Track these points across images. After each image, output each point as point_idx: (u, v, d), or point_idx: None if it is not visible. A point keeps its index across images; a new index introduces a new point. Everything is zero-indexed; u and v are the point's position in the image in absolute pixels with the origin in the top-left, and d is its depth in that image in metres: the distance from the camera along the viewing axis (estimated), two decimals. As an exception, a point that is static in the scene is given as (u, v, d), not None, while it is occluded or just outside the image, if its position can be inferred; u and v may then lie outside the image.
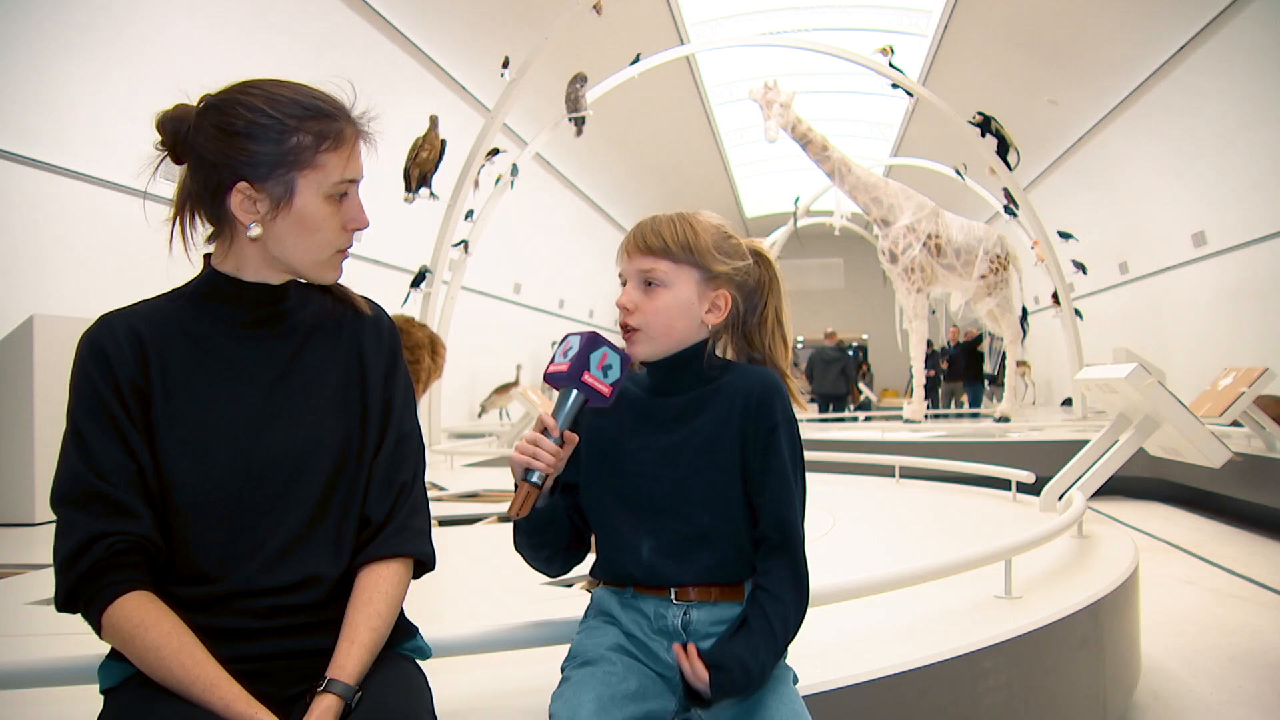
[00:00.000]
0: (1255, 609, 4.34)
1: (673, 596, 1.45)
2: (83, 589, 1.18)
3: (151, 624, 1.17)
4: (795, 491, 1.44)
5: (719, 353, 1.55)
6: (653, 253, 1.47)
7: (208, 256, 1.35)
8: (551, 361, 1.43)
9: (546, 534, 1.50)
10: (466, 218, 9.41)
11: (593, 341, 1.41)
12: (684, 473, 1.46)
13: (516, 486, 1.40)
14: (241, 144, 1.25)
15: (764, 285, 1.56)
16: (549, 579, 2.77)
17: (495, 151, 9.38)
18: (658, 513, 1.46)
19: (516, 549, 1.53)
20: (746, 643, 1.34)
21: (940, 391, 16.10)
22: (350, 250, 1.37)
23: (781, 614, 1.37)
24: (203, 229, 1.35)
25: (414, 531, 1.36)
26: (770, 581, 1.40)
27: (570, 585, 2.76)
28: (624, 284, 1.52)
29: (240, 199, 1.26)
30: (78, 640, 1.42)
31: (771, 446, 1.43)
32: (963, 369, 15.21)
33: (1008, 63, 12.60)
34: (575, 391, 1.41)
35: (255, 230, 1.27)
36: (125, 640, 1.17)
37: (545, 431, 1.40)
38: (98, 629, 1.20)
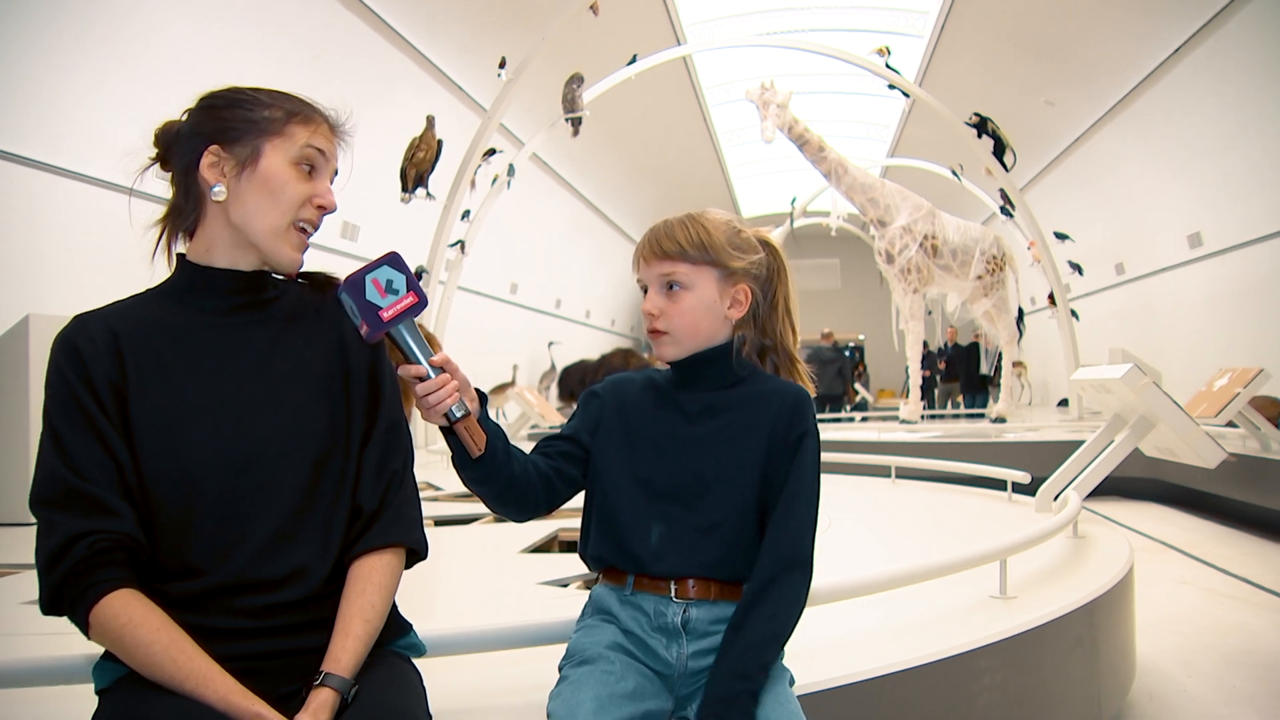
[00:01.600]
0: (1250, 609, 4.34)
1: (673, 594, 1.45)
2: (67, 589, 1.17)
3: (140, 621, 1.16)
4: (811, 501, 1.46)
5: (744, 352, 1.56)
6: (670, 257, 1.50)
7: (180, 256, 1.36)
8: (359, 330, 1.30)
9: (488, 466, 1.39)
10: (463, 218, 9.39)
11: (354, 286, 1.27)
12: (705, 465, 1.48)
13: (450, 434, 1.34)
14: (218, 114, 1.31)
15: (774, 274, 1.58)
16: (544, 580, 2.79)
17: (492, 152, 9.37)
18: (673, 500, 1.47)
19: (466, 486, 1.43)
20: (731, 670, 1.34)
21: (936, 392, 16.12)
22: (312, 234, 1.37)
23: (771, 630, 1.37)
24: (183, 244, 1.37)
25: (408, 521, 1.36)
26: (770, 593, 1.39)
27: (565, 585, 2.76)
28: (644, 291, 1.54)
29: (210, 161, 1.30)
30: (72, 640, 1.42)
31: (799, 453, 1.46)
32: (961, 372, 15.21)
33: (1004, 64, 12.61)
34: (397, 329, 1.29)
35: (220, 192, 1.30)
36: (114, 639, 1.17)
37: (422, 379, 1.29)
38: (85, 629, 1.19)
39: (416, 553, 1.39)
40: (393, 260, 1.30)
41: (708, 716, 1.32)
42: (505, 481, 1.42)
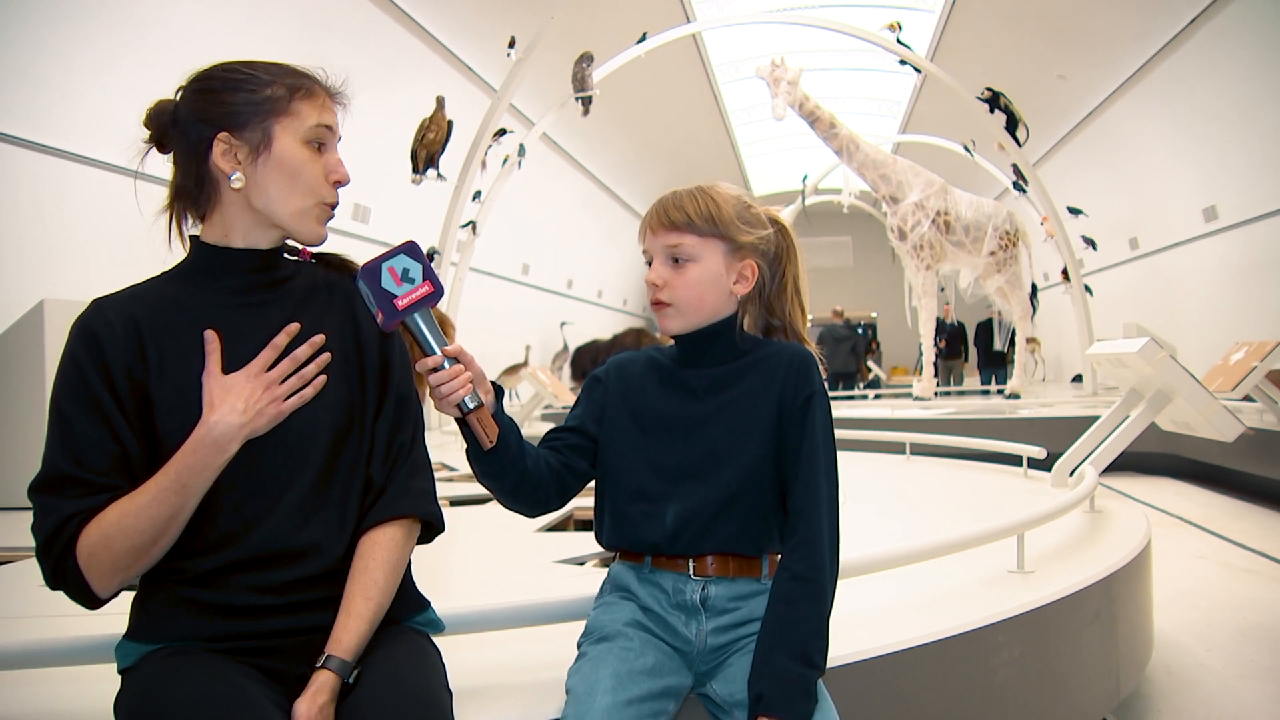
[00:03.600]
0: (1267, 583, 4.33)
1: (691, 571, 1.45)
2: (64, 565, 1.20)
3: (103, 517, 1.19)
4: (829, 461, 1.45)
5: (746, 326, 1.55)
6: (678, 228, 1.48)
7: (194, 238, 1.35)
8: (374, 318, 1.31)
9: (501, 460, 1.38)
10: (474, 199, 9.39)
11: (370, 273, 1.27)
12: (717, 440, 1.47)
13: (464, 425, 1.34)
14: (219, 98, 1.29)
15: (783, 253, 1.56)
16: (561, 559, 2.80)
17: (502, 132, 9.36)
18: (687, 479, 1.46)
19: (479, 480, 1.43)
20: (780, 648, 1.33)
21: (938, 367, 16.03)
22: (334, 208, 1.37)
23: (812, 593, 1.37)
24: (193, 224, 1.36)
25: (416, 493, 1.36)
26: (798, 561, 1.39)
27: (582, 563, 2.76)
28: (649, 261, 1.52)
29: (222, 149, 1.28)
30: (94, 620, 1.43)
31: (809, 415, 1.45)
32: (981, 349, 15.09)
33: (1016, 38, 12.50)
34: (412, 317, 1.29)
35: (238, 180, 1.29)
36: (103, 544, 1.19)
37: (437, 370, 1.29)
38: (84, 584, 1.20)
39: (433, 525, 1.39)
40: (410, 249, 1.30)
41: (767, 692, 1.30)
42: (518, 476, 1.41)
